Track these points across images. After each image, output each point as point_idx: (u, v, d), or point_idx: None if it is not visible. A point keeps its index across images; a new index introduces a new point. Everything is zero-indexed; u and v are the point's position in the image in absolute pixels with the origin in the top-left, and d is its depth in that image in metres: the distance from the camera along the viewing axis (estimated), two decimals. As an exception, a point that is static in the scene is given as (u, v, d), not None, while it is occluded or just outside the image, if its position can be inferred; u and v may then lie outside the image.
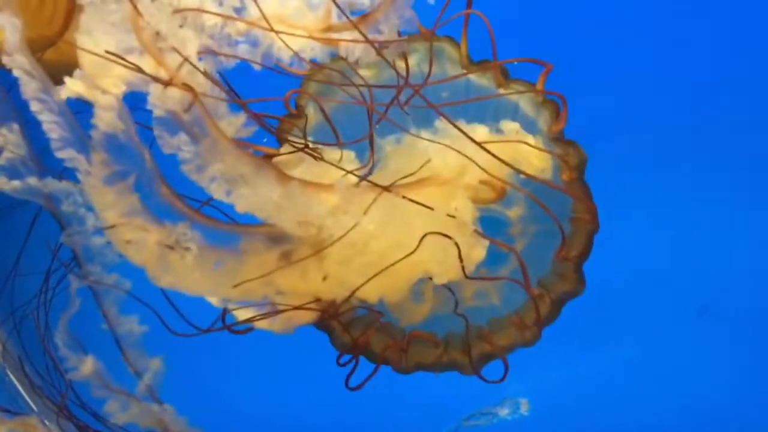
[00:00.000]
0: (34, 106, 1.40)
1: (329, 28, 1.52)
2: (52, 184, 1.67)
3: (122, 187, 1.40)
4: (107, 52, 1.34)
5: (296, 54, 1.50)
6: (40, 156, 1.74)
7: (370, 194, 1.45)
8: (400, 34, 1.54)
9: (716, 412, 2.95)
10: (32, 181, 1.63)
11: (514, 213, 1.71)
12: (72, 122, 1.43)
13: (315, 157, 1.57)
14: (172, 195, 1.43)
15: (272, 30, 1.45)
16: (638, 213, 2.59)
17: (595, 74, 2.59)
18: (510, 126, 1.58)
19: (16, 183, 1.62)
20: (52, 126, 1.41)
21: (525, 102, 1.65)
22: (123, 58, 1.33)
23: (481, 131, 1.55)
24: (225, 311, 1.56)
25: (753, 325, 2.92)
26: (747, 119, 2.79)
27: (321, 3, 1.51)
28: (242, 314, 1.53)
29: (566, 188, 1.58)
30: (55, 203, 1.76)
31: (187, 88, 1.36)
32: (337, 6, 1.46)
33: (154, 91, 1.36)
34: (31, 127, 1.66)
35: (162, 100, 1.35)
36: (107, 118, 1.38)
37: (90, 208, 1.78)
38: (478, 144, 1.44)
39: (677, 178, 2.83)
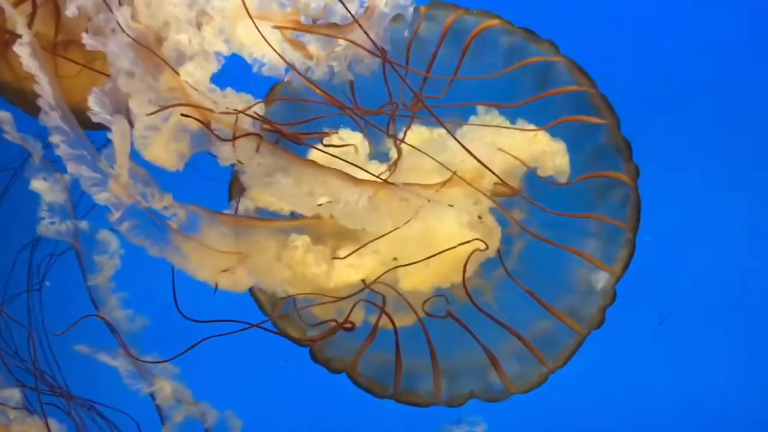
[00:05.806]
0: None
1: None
2: (102, 234, 1.75)
3: (195, 245, 1.47)
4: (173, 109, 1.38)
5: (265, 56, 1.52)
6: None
7: (406, 194, 1.51)
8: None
9: (679, 421, 3.12)
10: (82, 226, 1.69)
11: (515, 214, 1.75)
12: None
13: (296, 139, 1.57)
14: (230, 218, 1.49)
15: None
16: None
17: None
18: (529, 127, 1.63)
19: (64, 225, 1.64)
20: (130, 233, 1.44)
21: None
22: (195, 117, 1.36)
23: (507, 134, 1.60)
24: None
25: (715, 333, 3.06)
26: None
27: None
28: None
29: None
30: (85, 248, 1.82)
31: (248, 133, 1.39)
32: (344, 5, 1.48)
33: (224, 151, 1.38)
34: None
35: (236, 154, 1.39)
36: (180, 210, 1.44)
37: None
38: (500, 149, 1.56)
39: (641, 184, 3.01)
